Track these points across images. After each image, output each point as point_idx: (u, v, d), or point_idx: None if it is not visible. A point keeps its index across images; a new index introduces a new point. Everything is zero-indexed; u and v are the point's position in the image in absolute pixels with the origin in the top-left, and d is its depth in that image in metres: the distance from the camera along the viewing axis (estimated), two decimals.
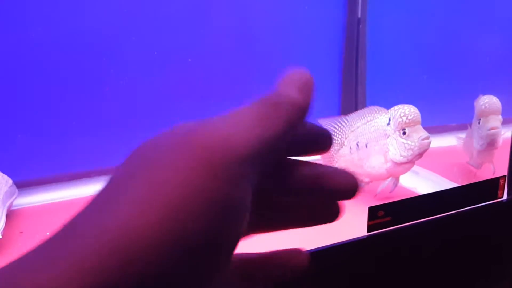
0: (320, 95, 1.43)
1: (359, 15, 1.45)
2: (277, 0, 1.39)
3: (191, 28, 1.31)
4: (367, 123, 1.16)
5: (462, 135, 1.35)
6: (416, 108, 1.10)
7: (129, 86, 1.29)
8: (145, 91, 1.31)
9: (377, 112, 1.16)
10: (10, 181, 1.10)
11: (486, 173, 1.22)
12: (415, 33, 1.51)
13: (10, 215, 1.07)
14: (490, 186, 0.98)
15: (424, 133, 1.07)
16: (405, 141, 1.08)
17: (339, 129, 1.22)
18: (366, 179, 1.18)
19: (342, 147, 1.22)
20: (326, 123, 1.24)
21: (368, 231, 0.85)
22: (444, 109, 1.49)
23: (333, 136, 1.21)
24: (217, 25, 1.33)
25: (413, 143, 1.07)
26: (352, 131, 1.19)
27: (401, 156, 1.09)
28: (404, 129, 1.07)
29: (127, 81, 1.28)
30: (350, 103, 1.50)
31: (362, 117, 1.18)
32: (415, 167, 1.33)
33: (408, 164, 1.12)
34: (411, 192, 1.22)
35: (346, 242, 0.83)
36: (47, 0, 1.16)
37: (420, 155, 1.09)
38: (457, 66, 1.57)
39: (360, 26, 1.45)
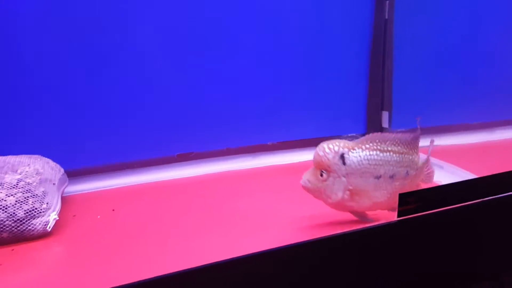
0: (347, 93, 1.50)
1: (386, 16, 1.51)
2: (307, 1, 1.45)
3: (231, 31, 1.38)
4: None
5: None
6: None
7: (174, 86, 1.37)
8: (189, 92, 1.39)
9: None
10: (62, 170, 1.20)
11: None
12: (440, 33, 1.55)
13: (63, 200, 1.15)
14: None
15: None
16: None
17: None
18: None
19: None
20: None
21: (398, 216, 0.91)
22: (468, 108, 1.53)
23: None
24: (251, 25, 1.41)
25: None
26: None
27: None
28: None
29: (174, 82, 1.36)
30: (377, 101, 1.56)
31: None
32: (439, 162, 1.38)
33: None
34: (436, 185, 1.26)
35: (377, 226, 0.90)
36: None
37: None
38: (481, 67, 1.60)
39: (387, 26, 1.51)
